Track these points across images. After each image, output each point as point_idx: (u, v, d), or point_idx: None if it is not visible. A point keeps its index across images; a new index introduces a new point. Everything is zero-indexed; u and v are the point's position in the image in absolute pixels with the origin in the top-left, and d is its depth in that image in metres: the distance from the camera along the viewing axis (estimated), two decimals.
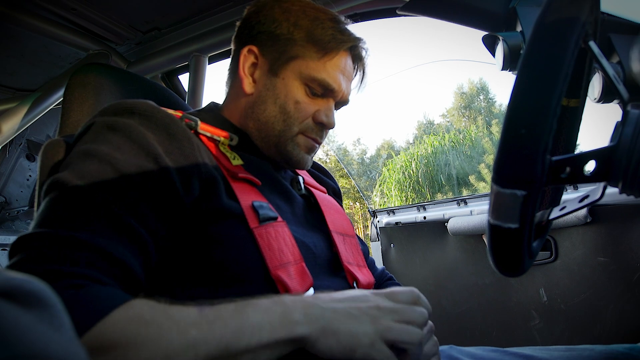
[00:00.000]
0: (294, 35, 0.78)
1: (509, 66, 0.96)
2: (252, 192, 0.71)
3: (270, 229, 0.67)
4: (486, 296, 1.69)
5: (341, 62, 0.80)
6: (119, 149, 0.59)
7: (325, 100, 0.81)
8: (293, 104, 0.78)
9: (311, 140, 0.81)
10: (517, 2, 0.99)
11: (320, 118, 0.80)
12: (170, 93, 1.07)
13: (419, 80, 38.29)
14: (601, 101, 0.86)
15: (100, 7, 1.30)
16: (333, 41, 0.78)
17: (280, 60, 0.79)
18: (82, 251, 0.49)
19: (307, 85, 0.79)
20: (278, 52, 0.79)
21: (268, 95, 0.79)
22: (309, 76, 0.78)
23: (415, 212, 1.99)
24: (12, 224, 2.50)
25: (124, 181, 0.57)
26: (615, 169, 0.43)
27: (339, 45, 0.79)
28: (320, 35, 0.78)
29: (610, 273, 1.36)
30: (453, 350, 0.84)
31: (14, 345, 0.22)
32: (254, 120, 0.80)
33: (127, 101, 0.66)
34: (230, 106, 0.85)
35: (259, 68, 0.81)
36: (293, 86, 0.78)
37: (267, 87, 0.80)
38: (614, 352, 0.75)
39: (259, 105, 0.80)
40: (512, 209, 0.43)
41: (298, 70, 0.78)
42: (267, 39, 0.80)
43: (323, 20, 0.79)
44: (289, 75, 0.79)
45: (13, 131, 1.78)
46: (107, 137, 0.61)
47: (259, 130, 0.80)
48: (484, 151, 12.38)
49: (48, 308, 0.26)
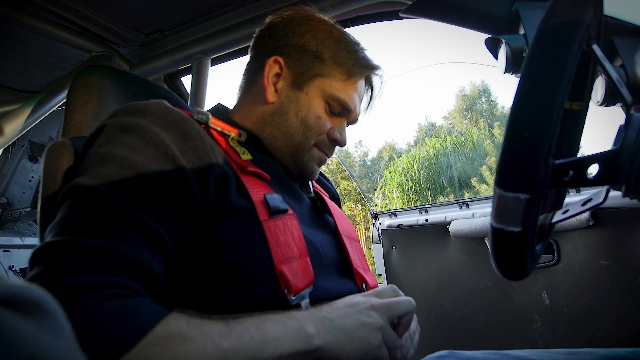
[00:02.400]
0: (323, 54, 0.82)
1: (511, 69, 0.96)
2: (262, 185, 0.72)
3: (279, 222, 0.68)
4: (488, 299, 1.69)
5: (359, 86, 0.85)
6: (136, 151, 0.58)
7: (340, 119, 0.86)
8: (314, 119, 0.81)
9: (323, 154, 0.86)
10: (519, 4, 0.99)
11: (335, 135, 0.84)
12: (173, 95, 1.07)
13: (421, 82, 38.35)
14: (604, 104, 0.86)
15: (103, 9, 1.30)
16: (357, 66, 0.83)
17: (306, 75, 0.81)
18: (110, 260, 0.49)
19: (327, 103, 0.82)
20: (304, 67, 0.82)
21: (290, 107, 0.82)
22: (331, 95, 0.82)
23: (417, 214, 1.99)
24: (14, 225, 2.51)
25: (145, 185, 0.56)
26: (619, 172, 0.43)
27: (362, 71, 0.84)
28: (345, 59, 0.82)
29: (613, 276, 1.35)
30: (453, 355, 0.84)
31: (15, 352, 0.22)
32: (272, 128, 0.82)
33: (139, 102, 0.66)
34: (244, 110, 0.86)
35: (283, 79, 0.83)
36: (315, 102, 0.82)
37: (290, 99, 0.82)
38: (616, 355, 0.75)
39: (280, 115, 0.82)
40: (515, 212, 0.43)
41: (322, 88, 0.82)
42: (295, 53, 0.82)
43: (347, 43, 0.84)
44: (312, 90, 0.82)
45: (16, 133, 1.78)
46: (122, 139, 0.60)
47: (276, 139, 0.82)
48: (485, 153, 12.36)
49: (48, 315, 0.26)
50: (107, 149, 0.59)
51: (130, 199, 0.54)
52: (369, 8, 1.23)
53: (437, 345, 0.99)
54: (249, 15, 1.35)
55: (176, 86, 1.76)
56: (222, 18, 1.39)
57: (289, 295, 0.62)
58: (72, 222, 0.52)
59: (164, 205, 0.57)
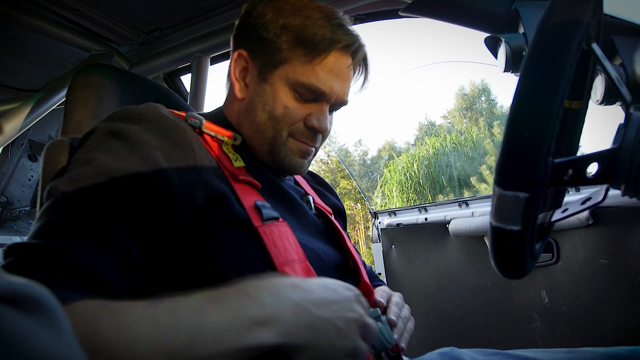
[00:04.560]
0: (281, 38, 0.75)
1: (511, 68, 0.96)
2: (253, 193, 0.70)
3: (273, 227, 0.67)
4: (487, 298, 1.69)
5: (334, 63, 0.75)
6: (118, 157, 0.58)
7: (318, 105, 0.77)
8: (281, 109, 0.75)
9: (303, 144, 0.78)
10: (519, 3, 0.99)
11: (311, 122, 0.77)
12: (172, 94, 1.07)
13: (421, 82, 38.33)
14: (604, 103, 0.86)
15: (102, 7, 1.30)
16: (323, 42, 0.73)
17: (268, 65, 0.76)
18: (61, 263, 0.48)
19: (295, 91, 0.75)
20: (266, 57, 0.76)
21: (258, 102, 0.77)
22: (296, 81, 0.74)
23: (417, 213, 1.99)
24: (14, 224, 2.50)
25: (116, 188, 0.56)
26: (618, 171, 0.43)
27: (330, 46, 0.74)
28: (310, 37, 0.73)
29: (612, 275, 1.35)
30: (455, 352, 0.84)
31: (15, 350, 0.22)
32: (247, 127, 0.79)
33: (137, 107, 0.65)
34: (228, 109, 0.84)
35: (250, 73, 0.79)
36: (281, 92, 0.75)
37: (257, 92, 0.78)
38: (615, 354, 0.75)
39: (250, 112, 0.78)
40: (514, 211, 0.43)
41: (285, 76, 0.75)
42: (255, 43, 0.77)
43: (315, 19, 0.74)
44: (276, 80, 0.76)
45: (15, 131, 1.78)
46: (109, 145, 0.60)
47: (252, 138, 0.79)
48: (485, 152, 12.36)
49: (48, 312, 0.26)
50: (91, 154, 0.59)
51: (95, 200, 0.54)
52: (369, 7, 1.23)
53: (436, 345, 0.99)
54: None
55: (176, 85, 1.76)
56: (222, 17, 1.38)
57: None
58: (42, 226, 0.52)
59: (134, 208, 0.56)
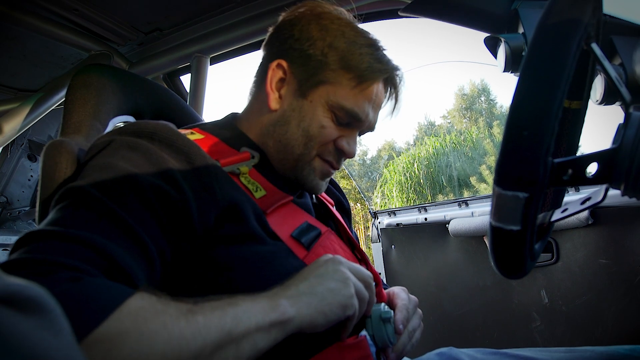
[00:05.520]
0: (328, 58, 0.74)
1: (511, 68, 0.96)
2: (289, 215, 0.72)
3: (319, 249, 0.68)
4: (487, 298, 1.69)
5: (375, 94, 0.76)
6: (137, 167, 0.57)
7: (350, 130, 0.78)
8: (317, 129, 0.75)
9: (327, 165, 0.78)
10: (519, 3, 0.99)
11: (342, 145, 0.77)
12: (171, 94, 1.07)
13: (420, 82, 38.28)
14: (603, 103, 0.86)
15: (102, 7, 1.30)
16: (369, 71, 0.74)
17: (310, 82, 0.75)
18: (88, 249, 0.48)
19: (333, 113, 0.75)
20: (308, 73, 0.75)
21: (293, 117, 0.76)
22: (337, 104, 0.74)
23: (417, 213, 1.99)
24: (14, 224, 2.50)
25: (138, 194, 0.55)
26: (618, 171, 0.43)
27: (375, 76, 0.74)
28: (356, 63, 0.73)
29: (612, 275, 1.35)
30: (453, 352, 0.84)
31: (14, 351, 0.22)
32: (274, 140, 0.77)
33: (149, 124, 0.65)
34: (251, 118, 0.81)
35: (287, 85, 0.77)
36: (320, 111, 0.75)
37: (292, 107, 0.76)
38: (615, 353, 0.75)
39: (282, 126, 0.76)
40: (514, 211, 0.43)
41: (327, 96, 0.74)
42: (299, 57, 0.75)
43: (361, 45, 0.75)
44: (317, 99, 0.74)
45: (15, 131, 1.78)
46: (127, 155, 0.59)
47: (278, 152, 0.77)
48: (485, 152, 12.35)
49: (47, 313, 0.26)
50: (108, 160, 0.58)
51: (122, 204, 0.53)
52: (368, 7, 1.23)
53: (436, 344, 0.99)
54: (248, 14, 1.34)
55: (175, 85, 1.75)
56: (222, 17, 1.38)
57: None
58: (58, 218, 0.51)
59: (155, 218, 0.56)
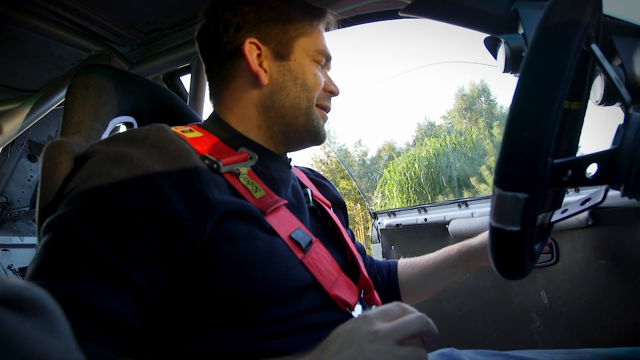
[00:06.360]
0: (289, 13, 0.79)
1: (511, 68, 0.96)
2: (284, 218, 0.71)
3: (313, 254, 0.69)
4: (487, 298, 1.69)
5: (323, 27, 0.84)
6: (122, 187, 0.56)
7: (325, 70, 0.84)
8: (313, 79, 0.79)
9: (322, 110, 0.83)
10: (519, 4, 0.99)
11: (330, 87, 0.82)
12: (171, 94, 1.07)
13: (420, 82, 38.34)
14: (603, 104, 0.86)
15: (102, 8, 1.30)
16: (315, 11, 0.80)
17: (284, 42, 0.78)
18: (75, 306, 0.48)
19: (314, 60, 0.80)
20: (279, 35, 0.78)
21: (286, 79, 0.78)
22: (315, 51, 0.80)
23: (416, 214, 1.99)
24: (13, 225, 2.50)
25: (124, 224, 0.55)
26: (617, 172, 0.43)
27: (323, 11, 0.82)
28: (305, 4, 0.80)
29: (612, 276, 1.35)
30: (454, 353, 0.84)
31: (14, 352, 0.22)
32: (276, 110, 0.78)
33: (141, 130, 0.64)
34: (236, 111, 0.80)
35: (265, 58, 0.78)
36: (306, 63, 0.79)
37: (282, 72, 0.78)
38: (615, 355, 0.75)
39: (279, 92, 0.78)
40: (513, 211, 0.43)
41: (303, 48, 0.79)
42: (262, 26, 0.78)
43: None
44: (299, 55, 0.79)
45: (15, 132, 1.78)
46: (111, 172, 0.58)
47: (284, 117, 0.78)
48: (485, 153, 12.36)
49: (47, 315, 0.26)
50: (92, 182, 0.57)
51: (102, 237, 0.53)
52: (368, 7, 1.23)
53: (436, 345, 0.98)
54: None
55: (175, 85, 1.75)
56: None
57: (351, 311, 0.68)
58: (44, 263, 0.52)
59: (143, 244, 0.55)
